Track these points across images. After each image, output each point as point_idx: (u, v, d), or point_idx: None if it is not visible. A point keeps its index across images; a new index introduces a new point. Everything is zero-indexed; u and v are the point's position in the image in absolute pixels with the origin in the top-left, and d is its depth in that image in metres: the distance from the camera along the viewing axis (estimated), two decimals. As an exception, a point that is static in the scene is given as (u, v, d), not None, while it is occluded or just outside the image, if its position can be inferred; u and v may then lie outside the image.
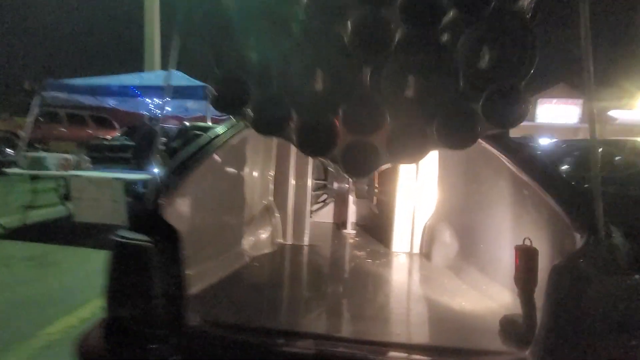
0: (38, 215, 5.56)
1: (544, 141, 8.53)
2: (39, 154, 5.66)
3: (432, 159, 2.77)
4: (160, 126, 5.62)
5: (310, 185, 2.91)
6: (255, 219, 2.66)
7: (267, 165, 2.79)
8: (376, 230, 3.25)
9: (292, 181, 2.88)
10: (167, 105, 7.67)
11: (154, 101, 6.87)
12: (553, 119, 23.44)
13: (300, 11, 1.46)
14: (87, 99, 6.75)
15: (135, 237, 1.47)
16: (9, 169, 5.58)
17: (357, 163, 1.51)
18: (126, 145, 7.01)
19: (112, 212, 4.71)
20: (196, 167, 1.79)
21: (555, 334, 1.35)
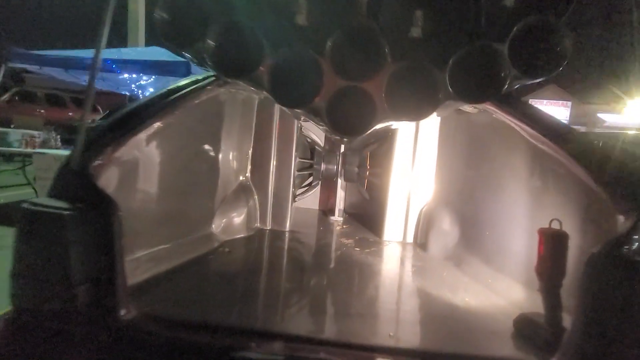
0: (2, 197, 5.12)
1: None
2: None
3: (431, 134, 2.47)
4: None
5: (294, 164, 2.57)
6: (228, 198, 2.31)
7: (245, 137, 2.44)
8: (366, 218, 2.94)
9: (274, 158, 2.54)
10: (149, 86, 7.21)
11: (132, 77, 6.37)
12: (544, 119, 23.44)
13: None
14: (59, 73, 6.24)
15: (50, 205, 1.12)
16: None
17: (347, 117, 1.17)
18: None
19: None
20: (146, 124, 1.43)
21: (592, 338, 1.05)
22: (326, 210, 3.25)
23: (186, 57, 1.34)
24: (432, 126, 2.48)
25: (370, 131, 1.24)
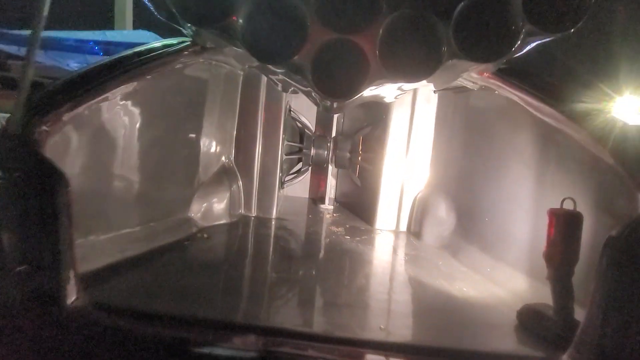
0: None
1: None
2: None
3: (427, 116, 2.32)
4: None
5: (281, 147, 2.40)
6: (208, 181, 2.14)
7: (228, 116, 2.26)
8: (358, 207, 2.79)
9: (260, 140, 2.36)
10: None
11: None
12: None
13: None
14: (39, 55, 5.92)
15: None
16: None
17: (335, 76, 1.01)
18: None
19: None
20: (107, 87, 1.24)
21: (611, 330, 0.91)
22: (316, 198, 3.09)
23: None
24: (428, 108, 2.33)
25: (361, 95, 1.08)
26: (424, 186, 2.36)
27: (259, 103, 2.33)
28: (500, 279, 1.56)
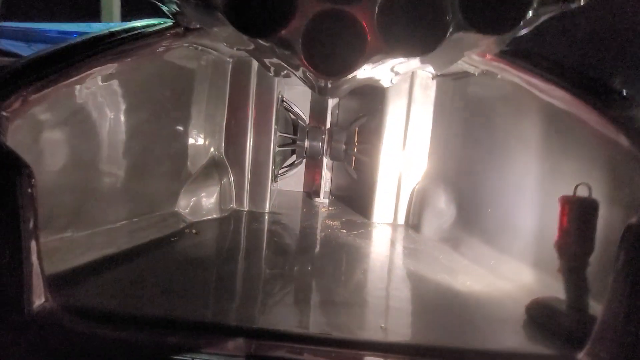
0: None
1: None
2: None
3: (425, 104, 2.23)
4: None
5: (273, 138, 2.29)
6: (197, 174, 2.03)
7: (217, 105, 2.15)
8: (354, 200, 2.70)
9: (251, 131, 2.25)
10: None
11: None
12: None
13: None
14: (21, 48, 5.74)
15: None
16: None
17: (328, 51, 0.91)
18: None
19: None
20: (80, 67, 1.13)
21: (633, 326, 0.84)
22: (311, 192, 3.00)
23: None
24: (426, 96, 2.24)
25: (356, 77, 0.99)
26: (422, 177, 2.28)
27: (250, 92, 2.22)
28: (505, 272, 1.49)
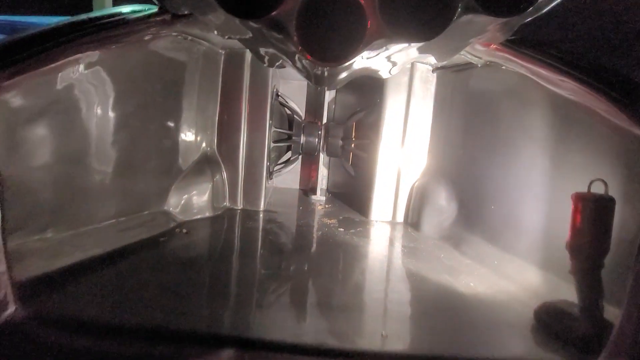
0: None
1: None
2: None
3: (425, 98, 2.16)
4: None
5: (268, 133, 2.21)
6: (188, 171, 1.95)
7: (208, 99, 2.06)
8: (352, 197, 2.64)
9: (244, 126, 2.17)
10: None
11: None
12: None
13: None
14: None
15: None
16: None
17: (324, 35, 0.84)
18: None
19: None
20: (57, 54, 1.04)
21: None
22: (307, 189, 2.93)
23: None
24: (426, 90, 2.17)
25: (353, 67, 0.91)
26: (422, 173, 2.21)
27: (243, 86, 2.13)
28: (510, 272, 1.42)
